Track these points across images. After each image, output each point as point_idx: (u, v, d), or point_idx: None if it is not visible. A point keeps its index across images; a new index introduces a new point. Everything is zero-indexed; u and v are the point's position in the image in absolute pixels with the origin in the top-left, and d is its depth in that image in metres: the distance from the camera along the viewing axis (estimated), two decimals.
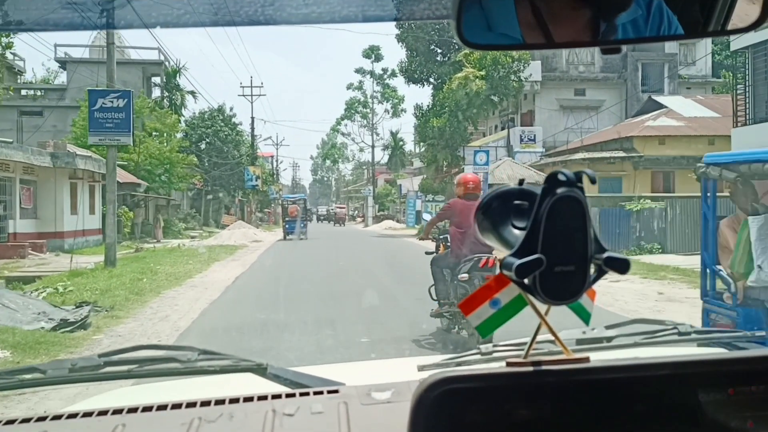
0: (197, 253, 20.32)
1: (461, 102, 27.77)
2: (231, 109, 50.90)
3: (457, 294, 6.39)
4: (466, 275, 6.15)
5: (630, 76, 34.00)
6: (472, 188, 6.80)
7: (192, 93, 40.65)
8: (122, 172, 24.95)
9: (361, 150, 58.06)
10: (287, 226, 28.42)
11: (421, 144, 34.64)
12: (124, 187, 25.38)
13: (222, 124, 43.64)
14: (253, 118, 54.90)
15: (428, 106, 31.31)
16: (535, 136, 33.58)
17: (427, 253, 7.39)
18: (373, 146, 52.89)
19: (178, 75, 38.25)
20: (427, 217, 10.23)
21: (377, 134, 52.91)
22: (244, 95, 50.74)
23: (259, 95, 52.34)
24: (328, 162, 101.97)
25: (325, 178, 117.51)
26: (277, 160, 68.76)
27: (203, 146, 42.90)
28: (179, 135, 35.89)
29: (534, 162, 29.65)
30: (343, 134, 54.70)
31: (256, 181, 45.72)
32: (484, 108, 28.63)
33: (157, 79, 38.48)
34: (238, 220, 40.12)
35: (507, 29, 0.84)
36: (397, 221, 46.34)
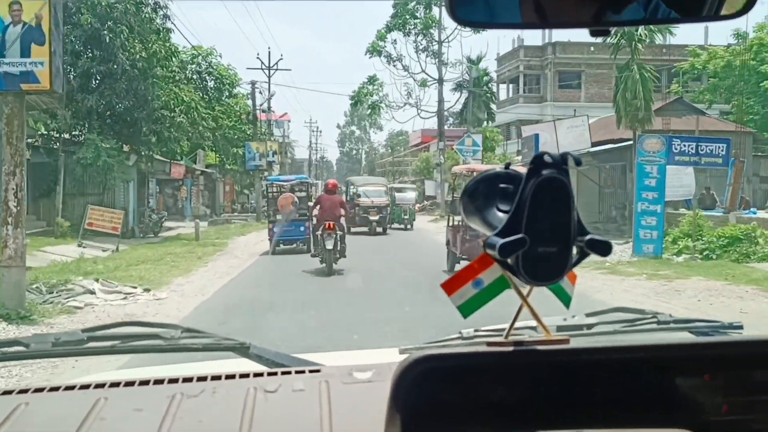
0: None
1: None
2: None
3: (318, 242, 12.58)
4: (320, 232, 12.35)
5: None
6: (330, 188, 13.25)
7: None
8: None
9: (423, 85, 30.91)
10: (275, 228, 16.17)
11: None
12: None
13: (135, 10, 19.35)
14: None
15: None
16: None
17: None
18: (441, 80, 29.66)
19: None
20: None
21: (444, 63, 30.30)
22: None
23: None
24: (356, 132, 77.28)
25: (354, 151, 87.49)
26: (269, 92, 37.41)
27: (97, 67, 19.00)
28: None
29: None
30: (389, 59, 30.27)
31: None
32: None
33: None
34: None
35: (500, 7, 0.84)
36: None
